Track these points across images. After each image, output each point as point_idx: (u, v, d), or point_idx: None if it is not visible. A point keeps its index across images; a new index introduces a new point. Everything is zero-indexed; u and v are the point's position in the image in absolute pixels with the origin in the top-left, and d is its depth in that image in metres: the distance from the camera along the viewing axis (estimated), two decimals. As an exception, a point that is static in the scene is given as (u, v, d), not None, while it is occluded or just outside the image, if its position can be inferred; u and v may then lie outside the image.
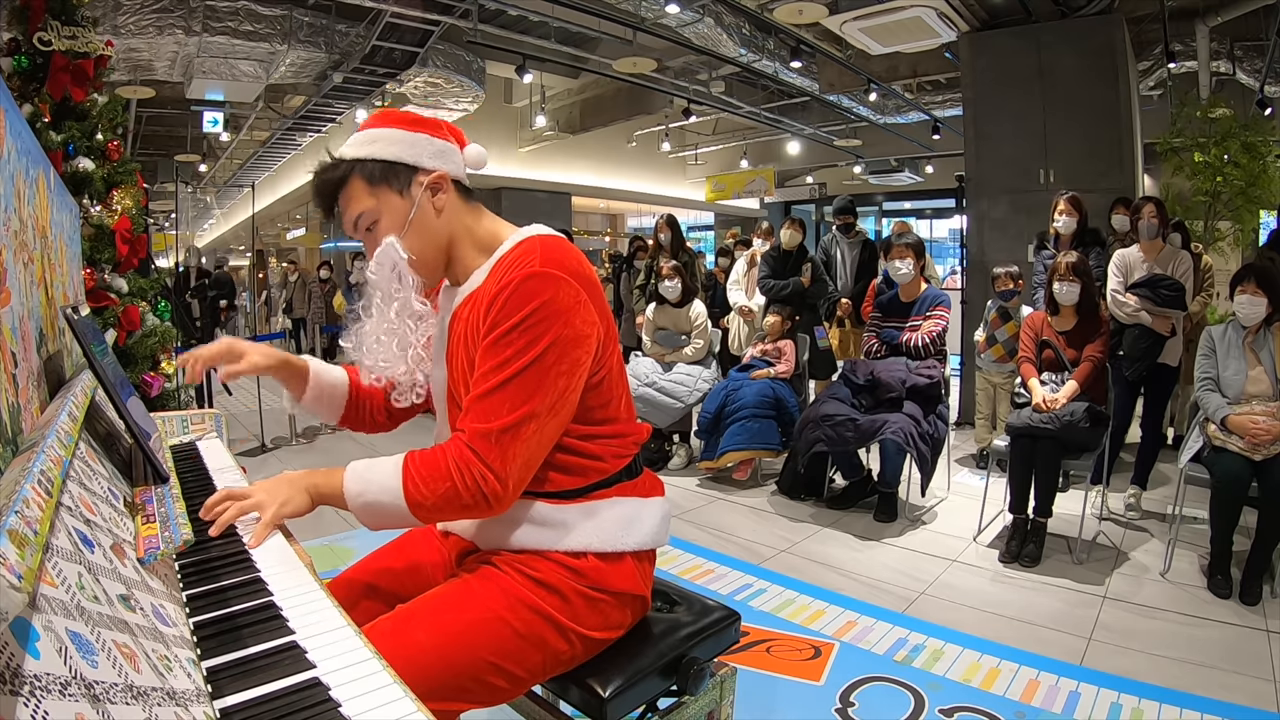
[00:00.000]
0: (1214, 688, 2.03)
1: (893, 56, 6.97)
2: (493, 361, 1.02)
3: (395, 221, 1.12)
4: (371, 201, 1.11)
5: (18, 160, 1.01)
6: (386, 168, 1.11)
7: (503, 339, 1.02)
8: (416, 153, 1.13)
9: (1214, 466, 2.62)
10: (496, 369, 1.02)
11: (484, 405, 1.02)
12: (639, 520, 1.15)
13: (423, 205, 1.12)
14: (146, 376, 2.86)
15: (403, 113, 1.18)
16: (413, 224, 1.12)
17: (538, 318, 1.02)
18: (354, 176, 1.12)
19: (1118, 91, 4.82)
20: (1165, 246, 3.44)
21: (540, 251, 1.07)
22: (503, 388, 1.01)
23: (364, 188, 1.11)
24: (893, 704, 1.99)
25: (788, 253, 4.52)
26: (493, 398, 1.01)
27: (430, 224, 1.13)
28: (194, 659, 0.71)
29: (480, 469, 1.00)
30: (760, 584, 2.76)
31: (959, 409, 5.12)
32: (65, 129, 2.66)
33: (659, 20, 6.11)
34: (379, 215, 1.12)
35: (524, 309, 1.02)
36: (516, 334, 1.01)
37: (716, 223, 16.73)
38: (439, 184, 1.13)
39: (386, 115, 1.17)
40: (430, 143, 1.14)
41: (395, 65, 7.04)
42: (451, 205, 1.15)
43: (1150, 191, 6.02)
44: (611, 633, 1.14)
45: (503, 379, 1.01)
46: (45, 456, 0.71)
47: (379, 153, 1.12)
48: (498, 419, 1.00)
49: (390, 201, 1.12)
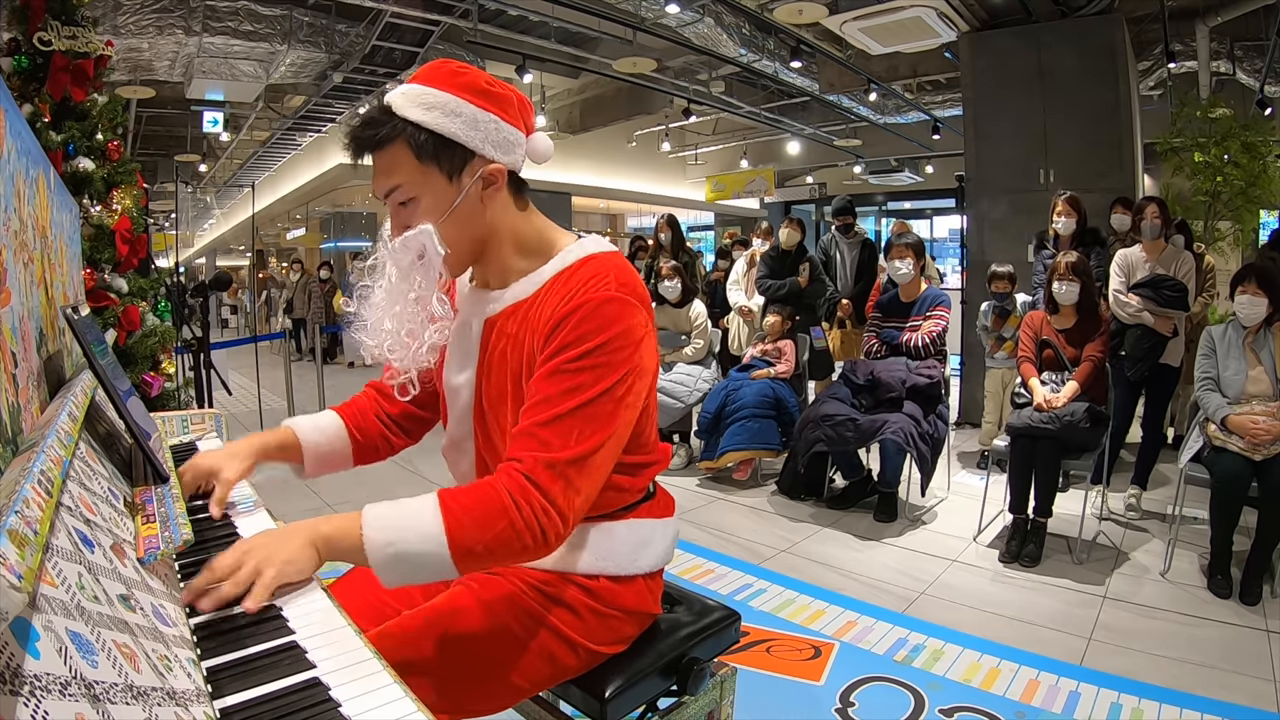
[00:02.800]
0: (1214, 688, 2.03)
1: (893, 56, 6.97)
2: (560, 386, 0.92)
3: (436, 206, 0.98)
4: (414, 176, 0.97)
5: (18, 160, 1.01)
6: (440, 144, 0.96)
7: (573, 363, 0.93)
8: (479, 137, 0.98)
9: (1214, 466, 2.62)
10: (566, 394, 0.92)
11: (548, 433, 0.91)
12: (652, 543, 1.13)
13: (470, 196, 0.99)
14: (146, 376, 2.86)
15: (474, 75, 1.00)
16: (454, 214, 0.99)
17: (615, 345, 0.94)
18: (400, 140, 0.96)
19: (1118, 91, 4.82)
20: (1167, 247, 3.44)
21: (615, 274, 0.99)
22: (571, 415, 0.91)
23: (409, 158, 0.96)
24: (893, 704, 1.99)
25: (786, 252, 4.52)
26: (559, 425, 0.91)
27: (473, 218, 1.01)
28: (194, 659, 0.71)
29: (541, 503, 0.88)
30: (760, 584, 2.76)
31: (959, 409, 5.12)
32: (65, 129, 2.66)
33: (659, 20, 6.11)
34: (418, 194, 0.98)
35: (602, 335, 0.93)
36: (590, 359, 0.93)
37: (716, 223, 16.73)
38: (494, 178, 1.00)
39: (454, 76, 0.99)
40: (497, 128, 0.99)
41: (395, 65, 7.04)
42: (501, 202, 1.03)
43: (1150, 191, 6.02)
44: (619, 646, 1.13)
45: (572, 406, 0.91)
46: (45, 456, 0.71)
47: (436, 123, 0.96)
48: (565, 449, 0.90)
49: (435, 183, 0.98)
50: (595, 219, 17.20)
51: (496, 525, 0.87)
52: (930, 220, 13.60)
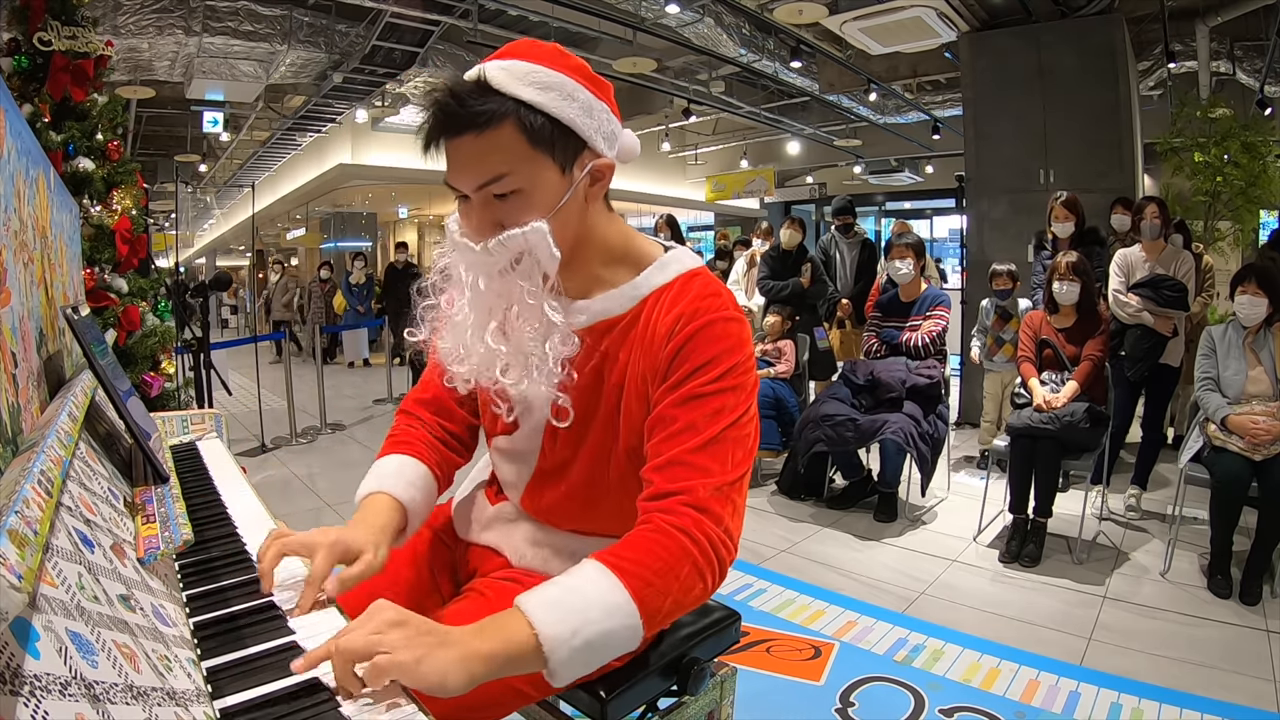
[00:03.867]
0: (1214, 688, 2.03)
1: (893, 56, 6.97)
2: (704, 410, 0.85)
3: (545, 201, 0.85)
4: (524, 164, 0.84)
5: (18, 160, 1.01)
6: (556, 130, 0.84)
7: (712, 384, 0.86)
8: (594, 125, 0.87)
9: (1214, 466, 2.63)
10: (711, 418, 0.85)
11: (704, 458, 0.84)
12: None
13: (578, 192, 0.88)
14: (146, 376, 2.86)
15: (578, 59, 0.90)
16: (561, 212, 0.87)
17: (746, 366, 0.89)
18: (511, 121, 0.82)
19: (1118, 91, 4.83)
20: (1167, 247, 3.44)
21: (726, 294, 0.94)
22: (723, 438, 0.85)
23: (520, 142, 0.83)
24: (893, 704, 1.99)
25: (787, 253, 4.52)
26: (715, 449, 0.84)
27: (575, 218, 0.89)
28: (194, 659, 0.71)
29: (718, 534, 0.81)
30: (760, 584, 2.76)
31: (959, 409, 5.12)
32: (65, 129, 2.66)
33: (659, 20, 6.11)
34: (527, 186, 0.84)
35: (735, 355, 0.88)
36: (728, 380, 0.87)
37: (716, 223, 16.74)
38: (603, 174, 0.90)
39: (561, 55, 0.88)
40: (609, 118, 0.90)
41: (395, 65, 7.04)
42: (598, 203, 0.93)
43: (1150, 191, 6.02)
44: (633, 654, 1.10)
45: (722, 428, 0.85)
46: (45, 456, 0.71)
47: (553, 106, 0.84)
48: (726, 472, 0.84)
49: (547, 175, 0.85)
50: (595, 219, 17.16)
51: (681, 570, 0.79)
52: (930, 220, 13.61)
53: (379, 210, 15.55)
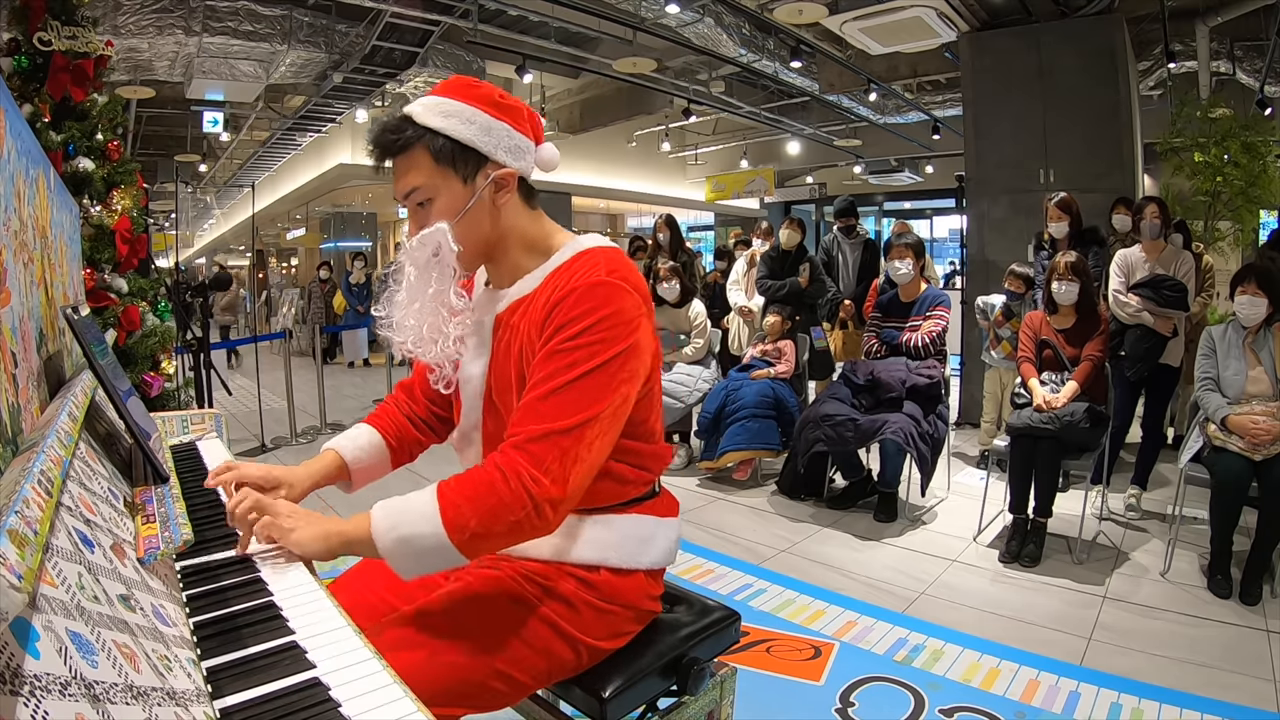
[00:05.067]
0: (1214, 688, 2.03)
1: (893, 56, 6.97)
2: (555, 365, 0.98)
3: (451, 207, 1.06)
4: (431, 179, 1.05)
5: (18, 160, 1.01)
6: (457, 149, 1.04)
7: (568, 342, 0.98)
8: (492, 142, 1.06)
9: (1214, 466, 2.62)
10: (561, 371, 0.97)
11: (544, 407, 0.96)
12: (655, 540, 1.15)
13: (483, 198, 1.07)
14: (146, 376, 2.86)
15: (488, 89, 1.09)
16: (468, 215, 1.06)
17: (607, 325, 0.99)
18: (419, 146, 1.04)
19: (1118, 91, 4.82)
20: (1167, 247, 3.44)
21: (605, 262, 1.05)
22: (566, 389, 0.97)
23: (428, 161, 1.04)
24: (893, 704, 1.99)
25: (787, 253, 4.52)
26: (554, 399, 0.97)
27: (485, 219, 1.08)
28: (194, 659, 0.71)
29: (530, 472, 0.93)
30: (760, 584, 2.76)
31: (959, 409, 5.12)
32: (65, 129, 2.66)
33: (659, 20, 6.10)
34: (435, 195, 1.05)
35: (594, 315, 0.99)
36: (584, 337, 0.98)
37: (716, 223, 16.73)
38: (505, 181, 1.08)
39: (470, 88, 1.08)
40: (509, 135, 1.07)
41: (395, 65, 7.04)
42: (511, 205, 1.10)
43: (1150, 191, 6.02)
44: (617, 641, 1.13)
45: (567, 380, 0.97)
46: (45, 456, 0.71)
47: (453, 129, 1.04)
48: (560, 420, 0.95)
49: (451, 185, 1.05)
50: (595, 219, 17.19)
51: (486, 500, 0.93)
52: (930, 220, 13.61)
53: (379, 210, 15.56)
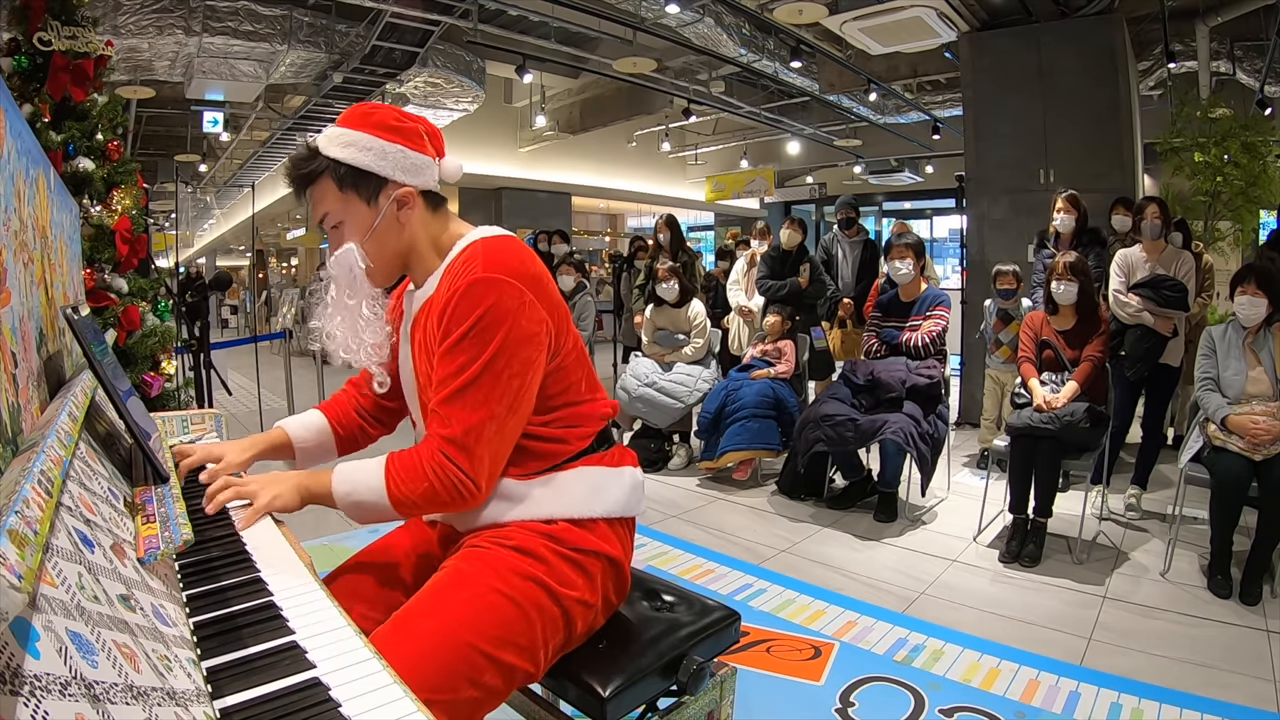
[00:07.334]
0: (1214, 688, 2.03)
1: (893, 56, 6.97)
2: (448, 369, 1.07)
3: (358, 228, 1.15)
4: (338, 204, 1.14)
5: (18, 160, 1.01)
6: (356, 175, 1.13)
7: (455, 347, 1.07)
8: (388, 165, 1.13)
9: (1214, 466, 2.62)
10: (452, 376, 1.07)
11: (445, 411, 1.07)
12: (605, 489, 1.19)
13: (387, 216, 1.15)
14: (146, 376, 2.85)
15: (384, 114, 1.17)
16: (375, 233, 1.15)
17: (484, 324, 1.06)
18: (325, 175, 1.13)
19: (1118, 91, 4.82)
20: (1167, 247, 3.44)
21: (482, 256, 1.11)
22: (460, 394, 1.06)
23: (333, 189, 1.14)
24: (893, 704, 1.99)
25: (787, 253, 4.52)
26: (452, 404, 1.06)
27: (392, 235, 1.16)
28: (194, 659, 0.71)
29: (455, 472, 1.06)
30: (760, 584, 2.76)
31: (959, 409, 5.12)
32: (65, 129, 2.65)
33: (659, 20, 6.10)
34: (343, 218, 1.15)
35: (470, 316, 1.06)
36: (467, 342, 1.06)
37: (716, 222, 16.72)
38: (406, 199, 1.15)
39: (366, 116, 1.16)
40: (403, 156, 1.14)
41: (395, 65, 7.03)
42: (417, 217, 1.17)
43: (1150, 191, 6.02)
44: (594, 595, 1.14)
45: (459, 385, 1.06)
46: (45, 456, 0.71)
47: (351, 158, 1.12)
48: (459, 424, 1.06)
49: (356, 208, 1.14)
50: (595, 219, 17.20)
51: (421, 485, 1.07)
52: (930, 220, 13.60)
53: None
